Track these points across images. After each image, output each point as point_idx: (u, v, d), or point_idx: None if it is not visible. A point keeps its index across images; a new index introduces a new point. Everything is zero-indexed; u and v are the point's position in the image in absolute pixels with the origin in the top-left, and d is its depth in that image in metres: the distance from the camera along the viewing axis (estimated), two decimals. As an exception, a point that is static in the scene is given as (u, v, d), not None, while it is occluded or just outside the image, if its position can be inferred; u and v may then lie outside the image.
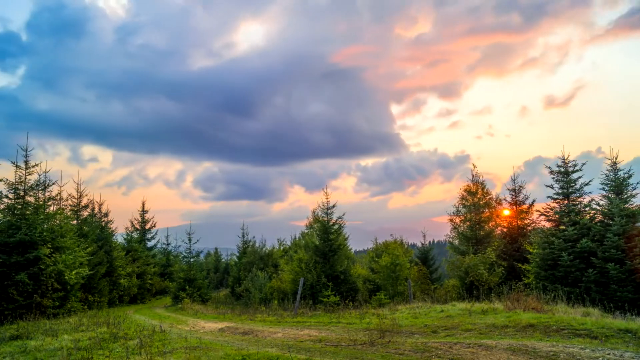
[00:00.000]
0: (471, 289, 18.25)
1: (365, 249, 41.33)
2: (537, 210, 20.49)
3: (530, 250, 17.36)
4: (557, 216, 16.65)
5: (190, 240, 26.39)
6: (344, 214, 21.76)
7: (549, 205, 17.32)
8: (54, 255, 16.40)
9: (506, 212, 22.07)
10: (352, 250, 32.52)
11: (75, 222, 23.37)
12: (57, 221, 18.24)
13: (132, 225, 34.87)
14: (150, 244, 35.25)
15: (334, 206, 21.57)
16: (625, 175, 15.21)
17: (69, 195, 25.18)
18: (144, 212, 35.85)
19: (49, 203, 18.81)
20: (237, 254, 31.97)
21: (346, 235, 22.71)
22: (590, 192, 16.52)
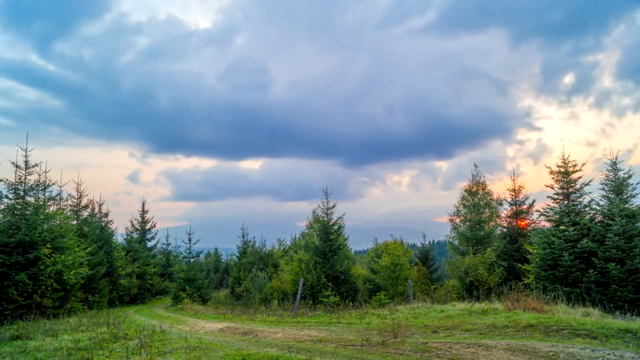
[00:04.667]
0: (471, 289, 18.26)
1: (365, 249, 41.36)
2: (537, 211, 20.49)
3: (531, 250, 17.35)
4: (557, 216, 16.66)
5: (190, 240, 26.36)
6: (344, 214, 21.78)
7: (548, 205, 17.33)
8: (53, 255, 16.41)
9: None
10: (352, 251, 32.54)
11: (75, 222, 23.37)
12: (57, 221, 18.26)
13: (132, 225, 34.87)
14: (150, 244, 35.23)
15: (334, 206, 21.58)
16: (625, 176, 15.23)
17: (69, 195, 25.18)
18: (144, 212, 35.84)
19: (49, 203, 18.83)
20: (237, 254, 31.97)
21: (346, 236, 22.72)
22: (590, 192, 16.54)
